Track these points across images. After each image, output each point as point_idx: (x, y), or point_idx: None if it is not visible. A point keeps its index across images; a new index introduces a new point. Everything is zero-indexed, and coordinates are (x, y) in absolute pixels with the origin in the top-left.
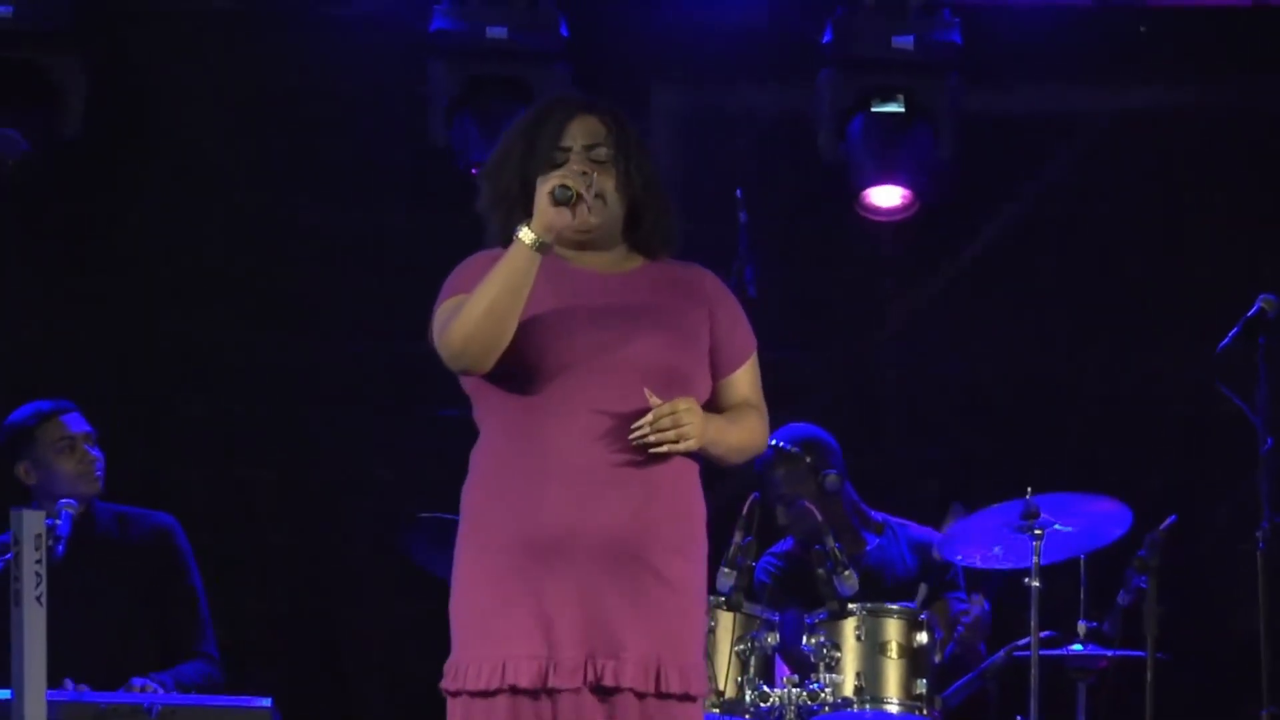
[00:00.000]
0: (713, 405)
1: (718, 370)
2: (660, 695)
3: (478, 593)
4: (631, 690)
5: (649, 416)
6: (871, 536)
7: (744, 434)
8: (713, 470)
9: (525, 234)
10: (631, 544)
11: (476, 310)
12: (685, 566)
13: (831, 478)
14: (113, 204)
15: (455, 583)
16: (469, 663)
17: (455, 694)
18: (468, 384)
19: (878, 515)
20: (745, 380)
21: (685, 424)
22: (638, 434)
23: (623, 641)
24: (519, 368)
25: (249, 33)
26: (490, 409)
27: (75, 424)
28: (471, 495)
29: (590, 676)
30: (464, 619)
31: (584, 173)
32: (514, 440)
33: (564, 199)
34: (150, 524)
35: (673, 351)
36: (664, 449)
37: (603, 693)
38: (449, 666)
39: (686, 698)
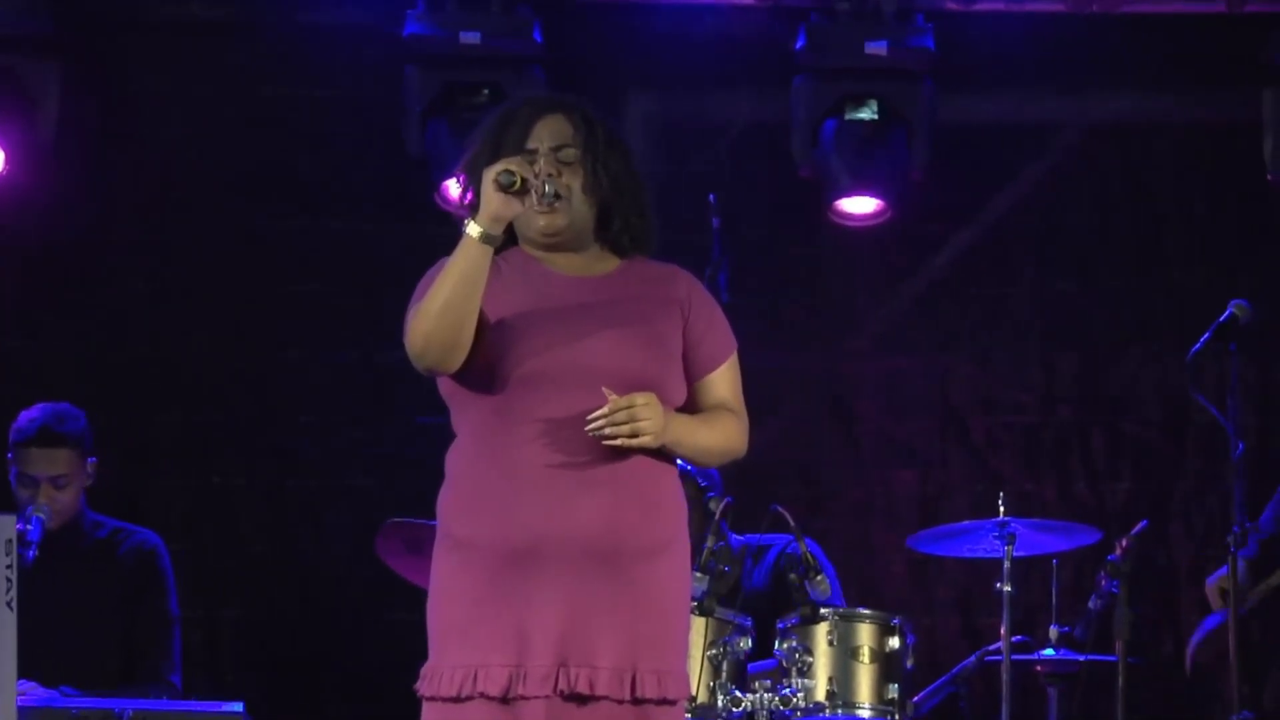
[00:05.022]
0: (690, 408)
1: (693, 372)
2: (636, 701)
3: (453, 599)
4: (607, 698)
5: (604, 409)
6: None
7: (715, 435)
8: None
9: (472, 227)
10: (604, 548)
11: (433, 308)
12: (661, 569)
13: (714, 501)
14: (89, 212)
15: (432, 589)
16: (443, 669)
17: (429, 699)
18: (443, 389)
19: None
20: (723, 383)
21: (642, 419)
22: (593, 427)
23: (597, 648)
24: (488, 373)
25: (227, 41)
26: (463, 414)
27: (45, 464)
28: (445, 501)
29: (563, 684)
30: (439, 625)
31: (549, 175)
32: (485, 446)
33: (508, 184)
34: (135, 541)
35: (642, 356)
36: (619, 443)
37: (579, 700)
38: (425, 671)
39: (665, 702)
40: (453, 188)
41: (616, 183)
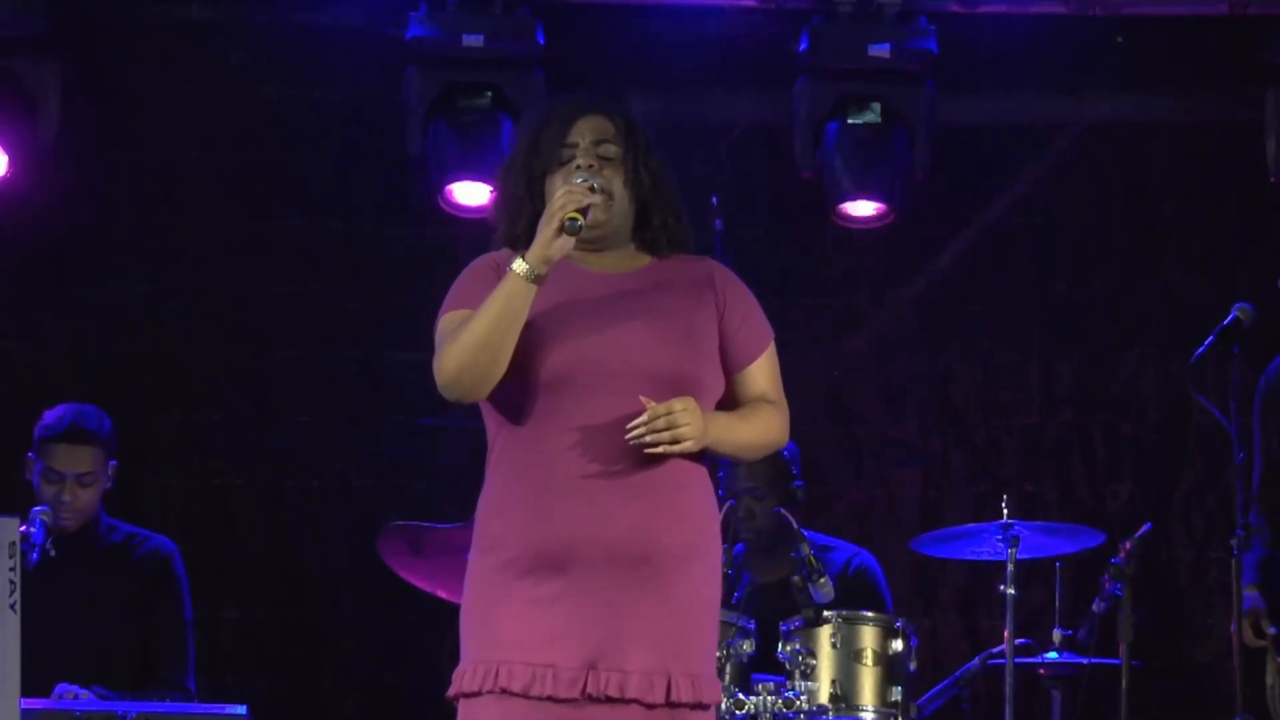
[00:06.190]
0: (729, 400)
1: (731, 365)
2: (671, 705)
3: (484, 603)
4: (638, 701)
5: (643, 417)
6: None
7: (756, 431)
8: None
9: (519, 265)
10: (637, 552)
11: (470, 342)
12: (693, 572)
13: (798, 490)
14: (89, 213)
15: (465, 592)
16: (467, 667)
17: (454, 697)
18: None
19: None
20: (762, 374)
21: (682, 425)
22: (633, 435)
23: (629, 652)
24: (522, 377)
25: (226, 41)
26: (497, 419)
27: (72, 460)
28: (482, 505)
29: (592, 687)
30: (470, 628)
31: (589, 168)
32: (520, 450)
33: (573, 230)
34: (151, 546)
35: (678, 355)
36: (660, 450)
37: (608, 703)
38: (454, 675)
39: (699, 706)
40: (458, 192)
41: (656, 180)
